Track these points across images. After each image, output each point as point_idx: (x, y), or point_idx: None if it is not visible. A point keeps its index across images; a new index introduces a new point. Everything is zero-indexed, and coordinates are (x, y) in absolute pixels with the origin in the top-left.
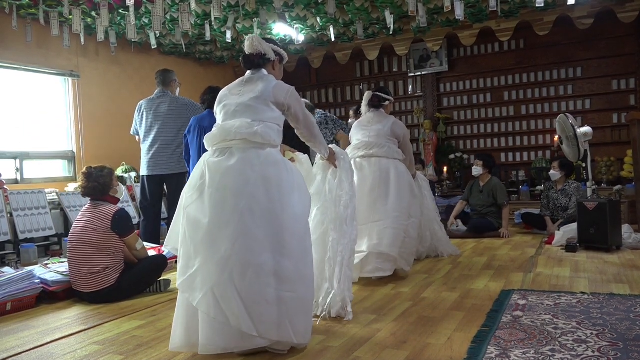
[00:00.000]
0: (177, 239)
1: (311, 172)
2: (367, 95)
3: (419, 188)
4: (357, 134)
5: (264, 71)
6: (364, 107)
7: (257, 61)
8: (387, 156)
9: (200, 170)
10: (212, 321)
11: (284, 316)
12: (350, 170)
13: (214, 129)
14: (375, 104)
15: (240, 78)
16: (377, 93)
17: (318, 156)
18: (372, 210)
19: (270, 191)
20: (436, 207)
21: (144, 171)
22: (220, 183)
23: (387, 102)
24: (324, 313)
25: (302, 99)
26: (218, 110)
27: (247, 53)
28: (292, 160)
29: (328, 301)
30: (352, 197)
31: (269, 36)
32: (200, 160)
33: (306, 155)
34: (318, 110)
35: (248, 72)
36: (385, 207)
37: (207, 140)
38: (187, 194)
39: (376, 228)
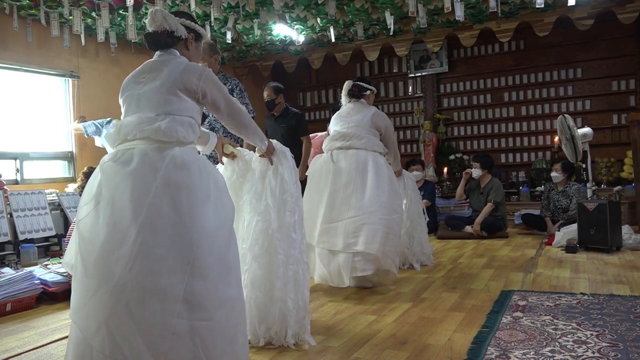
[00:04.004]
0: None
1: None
2: (346, 84)
3: (404, 187)
4: (335, 125)
5: (175, 52)
6: (343, 98)
7: (164, 40)
8: (366, 148)
9: (97, 177)
10: None
11: (198, 349)
12: (294, 169)
13: (112, 127)
14: (355, 93)
15: (147, 61)
16: (357, 82)
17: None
18: (347, 206)
19: (178, 200)
20: (421, 210)
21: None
22: (116, 192)
23: (368, 92)
24: (283, 340)
25: (207, 41)
26: (121, 103)
27: (150, 31)
28: (232, 155)
29: (283, 326)
30: (298, 200)
31: (182, 10)
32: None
33: (251, 151)
34: (235, 79)
35: (156, 53)
36: (362, 202)
37: (107, 140)
38: (80, 205)
39: (352, 225)
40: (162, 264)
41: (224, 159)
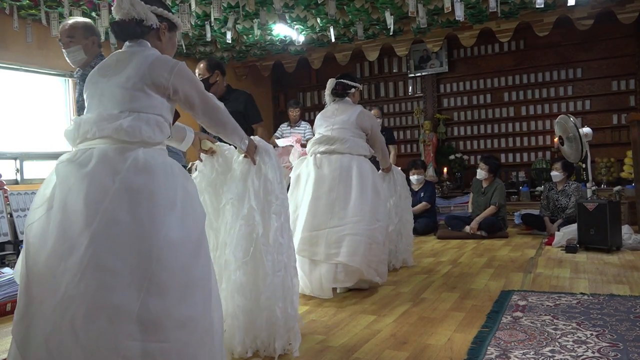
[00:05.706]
0: None
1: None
2: (330, 83)
3: (393, 182)
4: (319, 127)
5: (146, 43)
6: (327, 97)
7: (132, 29)
8: (350, 152)
9: (52, 178)
10: None
11: None
12: (279, 168)
13: (71, 125)
14: (339, 92)
15: (114, 52)
16: (341, 80)
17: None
18: (330, 214)
19: (137, 207)
20: (410, 207)
21: None
22: (69, 196)
23: (353, 90)
24: (270, 349)
25: (82, 21)
26: (84, 97)
27: (116, 19)
28: (211, 151)
29: (270, 335)
30: (284, 201)
31: None
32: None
33: (231, 146)
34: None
35: (125, 44)
36: (345, 210)
37: (66, 138)
38: (32, 208)
39: (334, 235)
40: (116, 278)
41: (203, 156)
